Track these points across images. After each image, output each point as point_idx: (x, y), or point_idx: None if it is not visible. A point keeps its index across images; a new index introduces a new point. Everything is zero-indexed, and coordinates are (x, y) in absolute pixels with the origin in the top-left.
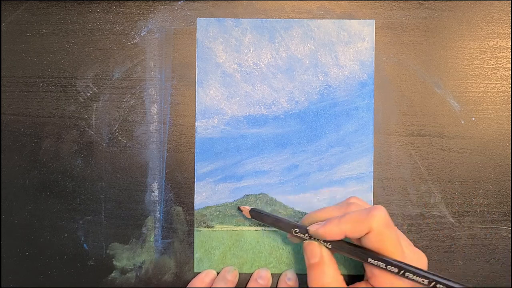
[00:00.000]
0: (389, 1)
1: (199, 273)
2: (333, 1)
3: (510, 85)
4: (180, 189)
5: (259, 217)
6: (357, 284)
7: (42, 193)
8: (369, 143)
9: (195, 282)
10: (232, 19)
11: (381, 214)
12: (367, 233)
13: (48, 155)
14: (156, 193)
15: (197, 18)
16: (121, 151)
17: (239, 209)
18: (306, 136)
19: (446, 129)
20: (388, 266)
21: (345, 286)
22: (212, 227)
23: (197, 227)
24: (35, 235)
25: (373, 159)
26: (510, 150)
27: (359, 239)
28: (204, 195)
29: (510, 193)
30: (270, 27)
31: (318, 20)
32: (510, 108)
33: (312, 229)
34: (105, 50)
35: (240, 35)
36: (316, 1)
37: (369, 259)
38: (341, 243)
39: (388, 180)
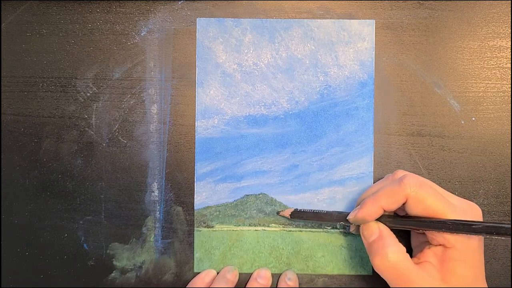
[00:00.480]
0: (389, 1)
1: (199, 273)
2: (333, 1)
3: (510, 85)
4: (180, 189)
5: (301, 216)
6: (421, 258)
7: (42, 193)
8: (369, 143)
9: (195, 281)
10: (232, 19)
11: (410, 179)
12: (405, 203)
13: (48, 155)
14: (156, 193)
15: (197, 18)
16: (121, 151)
17: (278, 213)
18: (306, 136)
19: (446, 129)
20: (443, 229)
21: (409, 258)
22: (212, 227)
23: (197, 227)
24: (35, 235)
25: (373, 159)
26: (510, 150)
27: (405, 210)
28: (204, 195)
29: (510, 193)
30: (270, 27)
31: (318, 20)
32: (510, 108)
33: (350, 217)
34: (105, 50)
35: (240, 35)
36: (316, 1)
37: (423, 227)
38: (392, 218)
39: None
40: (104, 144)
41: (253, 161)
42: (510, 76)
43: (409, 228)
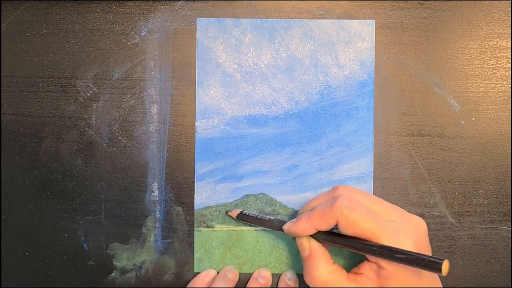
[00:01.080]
0: (389, 1)
1: (199, 273)
2: (333, 1)
3: (510, 85)
4: (180, 189)
5: (246, 219)
6: (358, 269)
7: (42, 193)
8: (369, 143)
9: (196, 281)
10: (232, 19)
11: (342, 202)
12: (337, 224)
13: (48, 155)
14: (156, 193)
15: (197, 18)
16: (121, 151)
17: (227, 213)
18: (306, 136)
19: (446, 129)
20: (370, 253)
21: (342, 273)
22: (212, 227)
23: (197, 227)
24: (35, 235)
25: (373, 159)
26: (510, 150)
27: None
28: (204, 195)
29: (510, 193)
30: (270, 27)
31: (318, 20)
32: (510, 108)
33: (285, 227)
34: (105, 50)
35: (240, 35)
36: (316, 1)
37: (352, 248)
38: (326, 235)
39: (388, 180)
40: (104, 144)
41: (253, 161)
42: (510, 76)
43: (340, 247)
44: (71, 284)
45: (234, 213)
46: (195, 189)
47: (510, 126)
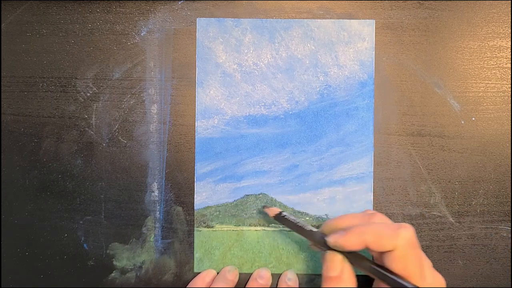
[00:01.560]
0: (389, 1)
1: (199, 273)
2: (333, 1)
3: (510, 85)
4: (180, 189)
5: (282, 221)
6: None
7: (42, 193)
8: (369, 143)
9: (196, 281)
10: (232, 19)
11: (409, 233)
12: (390, 251)
13: (48, 155)
14: (156, 193)
15: (197, 18)
16: (121, 151)
17: (263, 208)
18: (306, 136)
19: (446, 129)
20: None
21: None
22: (212, 227)
23: (197, 227)
24: (35, 235)
25: (373, 159)
26: (510, 150)
27: (380, 254)
28: (204, 195)
29: (510, 193)
30: (270, 27)
31: (318, 20)
32: (510, 108)
33: (331, 239)
34: (105, 50)
35: (240, 35)
36: (316, 1)
37: (387, 280)
38: (361, 257)
39: (388, 180)
40: (104, 144)
41: (253, 161)
42: (510, 76)
43: (376, 278)
44: (71, 284)
45: (272, 211)
46: (195, 189)
47: (510, 126)
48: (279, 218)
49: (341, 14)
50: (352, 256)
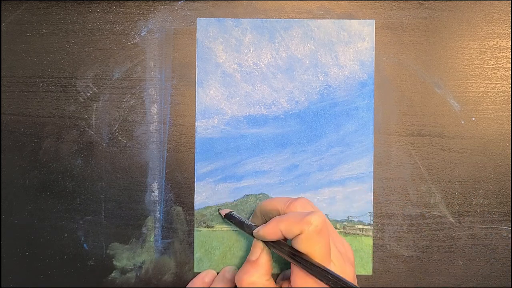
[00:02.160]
0: (389, 1)
1: (199, 273)
2: (333, 1)
3: (510, 85)
4: (180, 189)
5: (231, 220)
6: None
7: (42, 193)
8: (369, 143)
9: (195, 281)
10: (232, 19)
11: (315, 218)
12: (298, 235)
13: (48, 155)
14: (156, 193)
15: (197, 18)
16: (121, 151)
17: (218, 210)
18: (306, 136)
19: (446, 129)
20: (309, 268)
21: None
22: (212, 227)
23: (197, 227)
24: (35, 235)
25: (373, 159)
26: (510, 150)
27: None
28: (204, 195)
29: (510, 193)
30: (270, 27)
31: (318, 20)
32: (510, 108)
33: (255, 232)
34: (105, 50)
35: (240, 35)
36: (316, 1)
37: (293, 260)
38: (281, 244)
39: (388, 180)
40: (104, 144)
41: (253, 161)
42: (510, 76)
43: (290, 260)
44: (71, 284)
45: (224, 212)
46: (195, 189)
47: (510, 126)
48: (228, 217)
49: (341, 14)
50: (274, 244)
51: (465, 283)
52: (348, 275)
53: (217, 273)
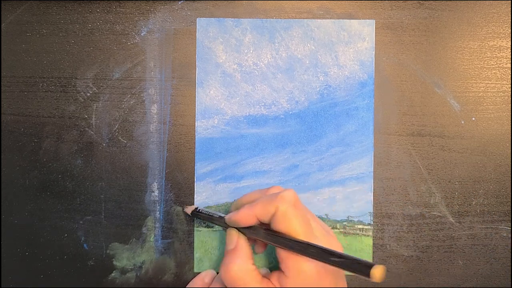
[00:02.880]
0: (389, 1)
1: (199, 273)
2: (333, 1)
3: (510, 85)
4: (180, 189)
5: (199, 216)
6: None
7: (42, 193)
8: (369, 143)
9: (195, 281)
10: (232, 19)
11: (287, 194)
12: (273, 215)
13: (48, 155)
14: (156, 193)
15: (197, 18)
16: (121, 151)
17: (183, 209)
18: (306, 136)
19: (446, 129)
20: (288, 246)
21: (257, 275)
22: (212, 227)
23: (197, 227)
24: (35, 235)
25: (373, 159)
26: (510, 150)
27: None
28: (204, 195)
29: (510, 193)
30: (270, 27)
31: (318, 20)
32: (510, 108)
33: (227, 217)
34: (105, 50)
35: (240, 35)
36: (316, 1)
37: (269, 240)
38: (255, 228)
39: (388, 180)
40: (104, 144)
41: (253, 161)
42: (510, 76)
43: (273, 244)
44: (71, 284)
45: (189, 209)
46: (195, 189)
47: (510, 126)
48: (195, 214)
49: (341, 14)
50: (248, 230)
51: (465, 283)
52: (336, 248)
53: (217, 273)
